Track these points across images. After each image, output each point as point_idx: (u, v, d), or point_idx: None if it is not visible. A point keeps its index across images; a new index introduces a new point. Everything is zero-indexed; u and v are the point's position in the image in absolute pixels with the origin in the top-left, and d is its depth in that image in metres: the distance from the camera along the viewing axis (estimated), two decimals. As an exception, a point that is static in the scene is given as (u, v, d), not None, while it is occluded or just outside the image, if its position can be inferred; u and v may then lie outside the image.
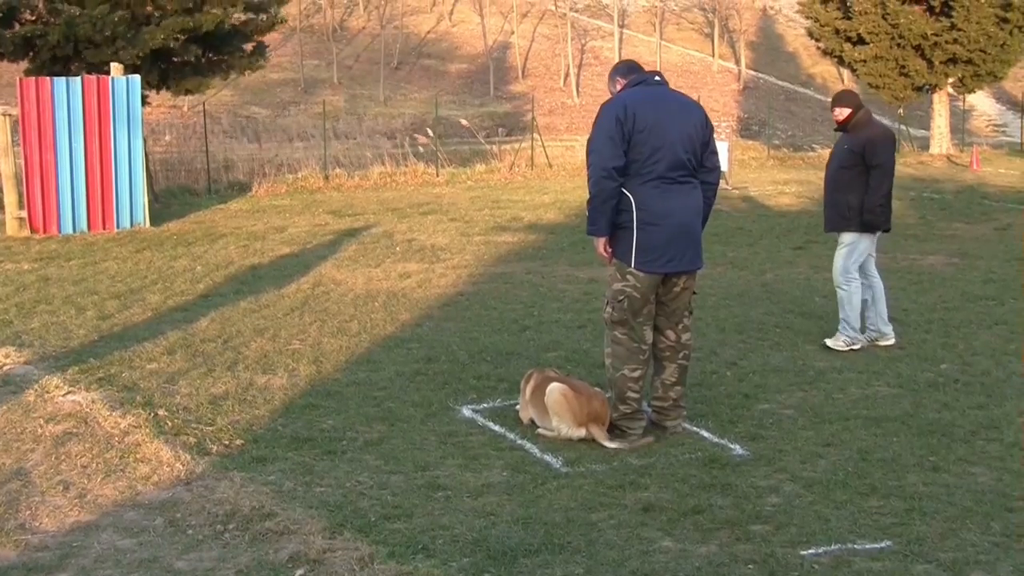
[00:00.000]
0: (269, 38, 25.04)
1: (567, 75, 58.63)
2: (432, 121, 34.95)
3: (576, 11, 65.61)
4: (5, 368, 9.69)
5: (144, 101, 20.50)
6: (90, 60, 20.73)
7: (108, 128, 18.47)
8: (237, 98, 48.07)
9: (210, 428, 7.96)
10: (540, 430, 7.89)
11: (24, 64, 22.40)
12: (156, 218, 19.49)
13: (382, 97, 52.71)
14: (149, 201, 19.48)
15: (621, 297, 7.74)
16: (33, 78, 18.90)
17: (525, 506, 6.53)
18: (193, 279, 14.05)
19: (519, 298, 12.88)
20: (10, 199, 18.49)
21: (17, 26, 21.75)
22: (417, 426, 8.12)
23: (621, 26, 64.64)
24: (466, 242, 16.98)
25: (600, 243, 7.76)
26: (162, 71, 22.10)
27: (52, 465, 7.31)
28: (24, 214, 18.33)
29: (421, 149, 32.32)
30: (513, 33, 61.68)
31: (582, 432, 7.66)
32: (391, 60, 58.10)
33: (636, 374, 7.80)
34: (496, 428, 8.08)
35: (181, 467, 7.14)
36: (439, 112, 35.77)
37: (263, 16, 23.50)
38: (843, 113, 10.71)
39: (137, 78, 19.09)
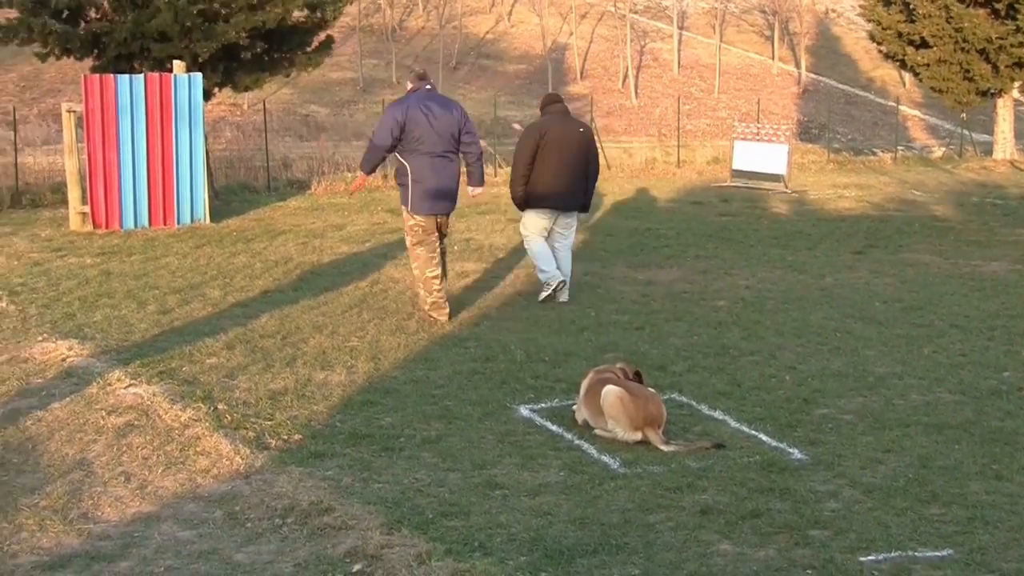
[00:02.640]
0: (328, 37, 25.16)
1: (625, 77, 58.52)
2: (491, 122, 34.99)
3: (635, 12, 65.50)
4: (68, 360, 9.79)
5: (207, 96, 20.63)
6: (157, 56, 20.88)
7: (170, 125, 18.60)
8: (296, 97, 48.35)
9: (269, 423, 8.01)
10: (596, 431, 7.88)
11: (89, 61, 22.60)
12: (216, 215, 19.61)
13: (441, 97, 52.84)
14: (209, 198, 19.59)
15: (416, 229, 11.51)
16: (97, 75, 19.06)
17: (582, 506, 6.52)
18: (252, 275, 14.14)
19: (577, 299, 12.85)
20: (74, 194, 18.67)
21: (83, 24, 21.94)
22: (475, 424, 8.13)
23: (681, 28, 64.46)
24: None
25: (361, 177, 12.46)
26: (225, 68, 22.24)
27: (114, 456, 7.39)
28: (87, 209, 18.49)
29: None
30: (572, 34, 61.63)
31: (637, 436, 7.64)
32: (449, 60, 58.24)
33: (434, 274, 11.47)
34: (554, 428, 8.07)
35: (240, 461, 7.19)
36: (497, 112, 35.79)
37: (319, 13, 23.59)
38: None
39: (199, 76, 19.21)
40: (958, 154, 39.24)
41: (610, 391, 7.78)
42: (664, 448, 7.52)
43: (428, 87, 11.53)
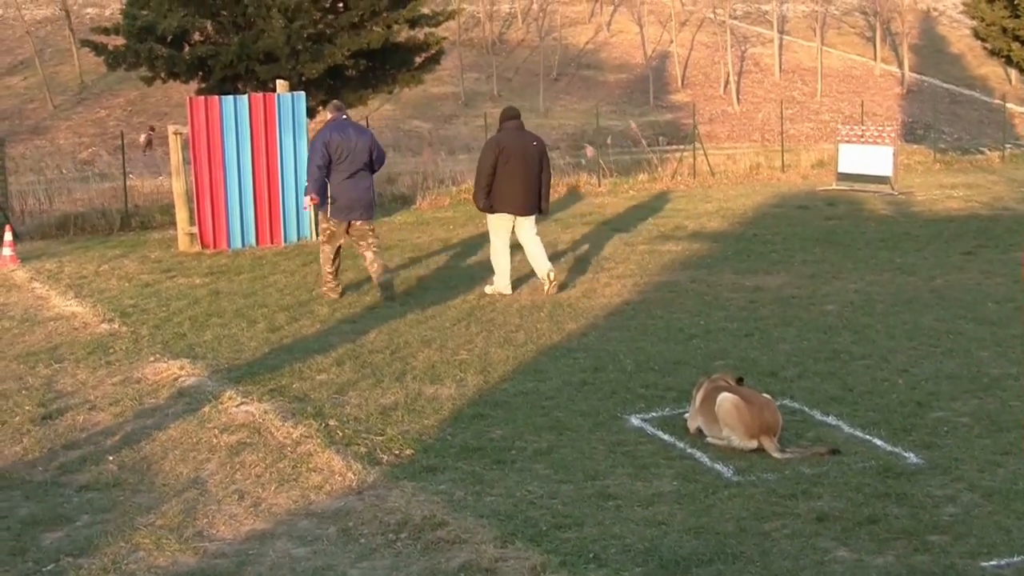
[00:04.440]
0: (430, 55, 25.29)
1: (727, 83, 58.21)
2: (592, 132, 34.92)
3: (735, 18, 65.11)
4: (180, 380, 9.92)
5: (310, 114, 20.83)
6: (262, 77, 21.13)
7: (275, 145, 18.79)
8: (399, 112, 48.71)
9: (380, 438, 8.04)
10: (709, 439, 7.81)
11: (194, 84, 22.95)
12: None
13: (542, 108, 52.94)
14: (314, 215, 19.76)
15: (327, 230, 13.85)
16: (202, 97, 19.34)
17: (696, 515, 6.47)
18: (360, 291, 14.22)
19: (684, 307, 12.78)
20: (182, 215, 18.94)
21: (187, 47, 22.30)
22: (586, 435, 8.10)
23: (781, 32, 63.95)
24: (630, 251, 16.91)
25: (307, 200, 13.99)
26: (329, 87, 22.46)
27: (227, 474, 7.46)
28: (195, 230, 18.74)
29: (584, 161, 32.31)
30: (672, 42, 61.44)
31: (753, 443, 7.56)
32: (550, 71, 58.32)
33: (330, 268, 13.84)
34: (665, 437, 8.02)
35: (353, 476, 7.22)
36: (600, 122, 35.76)
37: (420, 32, 23.74)
38: None
39: (302, 95, 19.40)
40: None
41: (726, 398, 7.72)
42: (778, 455, 7.43)
43: (344, 116, 13.94)
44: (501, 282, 13.87)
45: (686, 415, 8.26)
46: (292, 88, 19.94)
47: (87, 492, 7.23)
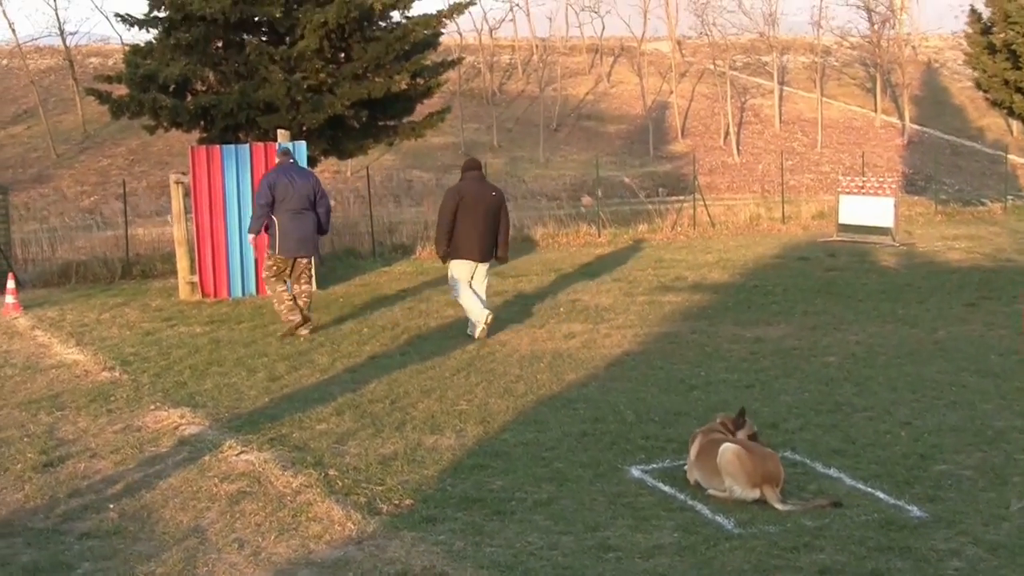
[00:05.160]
0: (431, 103, 25.37)
1: (727, 133, 58.39)
2: (592, 182, 35.01)
3: (735, 69, 65.41)
4: (181, 429, 9.91)
5: (311, 163, 20.90)
6: (264, 127, 21.22)
7: (277, 194, 18.83)
8: (399, 162, 48.83)
9: (380, 488, 8.02)
10: (710, 491, 7.79)
11: (196, 133, 23.03)
12: (322, 281, 19.78)
13: (542, 159, 53.08)
14: (315, 265, 19.77)
15: (272, 266, 14.72)
16: (204, 147, 19.41)
17: (697, 568, 6.44)
18: (360, 341, 14.23)
19: (685, 358, 12.77)
20: (182, 264, 18.97)
21: (190, 96, 22.39)
22: (586, 486, 8.07)
23: (781, 83, 64.24)
24: (630, 302, 16.92)
25: (252, 237, 15.02)
26: (331, 136, 22.53)
27: (227, 523, 7.43)
28: (196, 279, 18.77)
29: (583, 210, 32.36)
30: (672, 93, 61.68)
31: (756, 493, 7.54)
32: (550, 122, 58.52)
33: (284, 292, 14.64)
34: (666, 488, 7.99)
35: (352, 526, 7.20)
36: (600, 173, 35.85)
37: (421, 81, 23.82)
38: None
39: (303, 144, 19.46)
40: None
41: (727, 448, 7.70)
42: (780, 507, 7.41)
43: (291, 161, 15.22)
44: (477, 318, 14.25)
45: (686, 467, 8.24)
46: (293, 137, 20.00)
47: (88, 540, 7.21)
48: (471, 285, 14.53)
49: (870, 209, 26.19)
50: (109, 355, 13.55)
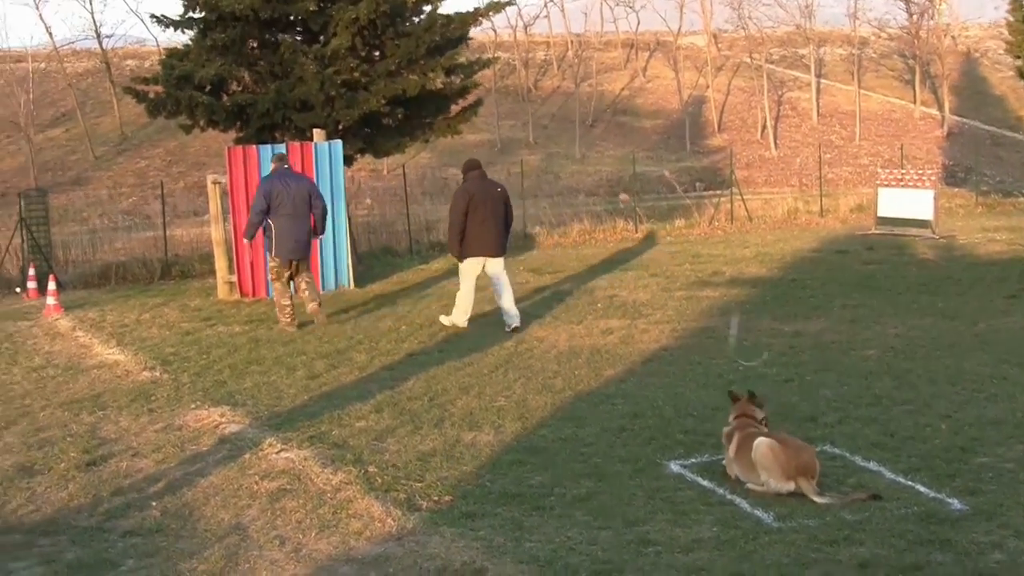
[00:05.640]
0: (465, 99, 25.34)
1: (764, 127, 58.11)
2: (629, 178, 34.94)
3: (772, 63, 65.10)
4: (221, 427, 9.97)
5: (347, 162, 20.95)
6: (299, 125, 21.27)
7: (313, 193, 18.90)
8: (435, 160, 48.85)
9: (419, 484, 8.05)
10: (748, 485, 7.78)
11: (232, 133, 23.11)
12: (360, 280, 19.84)
13: (578, 155, 52.98)
14: (353, 263, 19.83)
15: (275, 269, 15.29)
16: (240, 147, 19.49)
17: (737, 562, 6.43)
18: (398, 338, 14.26)
19: (723, 353, 12.74)
20: (220, 264, 19.06)
21: (225, 96, 22.47)
22: (625, 481, 8.08)
23: (818, 76, 63.90)
24: (667, 297, 16.89)
25: (246, 243, 16.65)
26: (366, 135, 22.56)
27: (268, 520, 7.48)
28: (234, 278, 18.86)
29: (621, 205, 32.30)
30: (708, 87, 61.42)
31: (791, 486, 7.52)
32: (586, 118, 58.37)
33: (286, 302, 15.22)
34: (705, 483, 7.99)
35: (392, 523, 7.23)
36: (636, 168, 35.80)
37: (456, 79, 23.81)
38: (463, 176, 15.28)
39: (339, 143, 19.52)
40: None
41: (761, 442, 7.69)
42: (818, 500, 7.39)
43: (286, 167, 15.71)
44: (460, 317, 14.99)
45: (724, 461, 8.23)
46: (329, 136, 20.06)
47: (131, 537, 7.28)
48: (493, 281, 15.05)
49: (909, 202, 26.03)
50: (149, 355, 13.65)
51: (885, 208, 26.65)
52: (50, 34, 75.33)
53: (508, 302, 14.88)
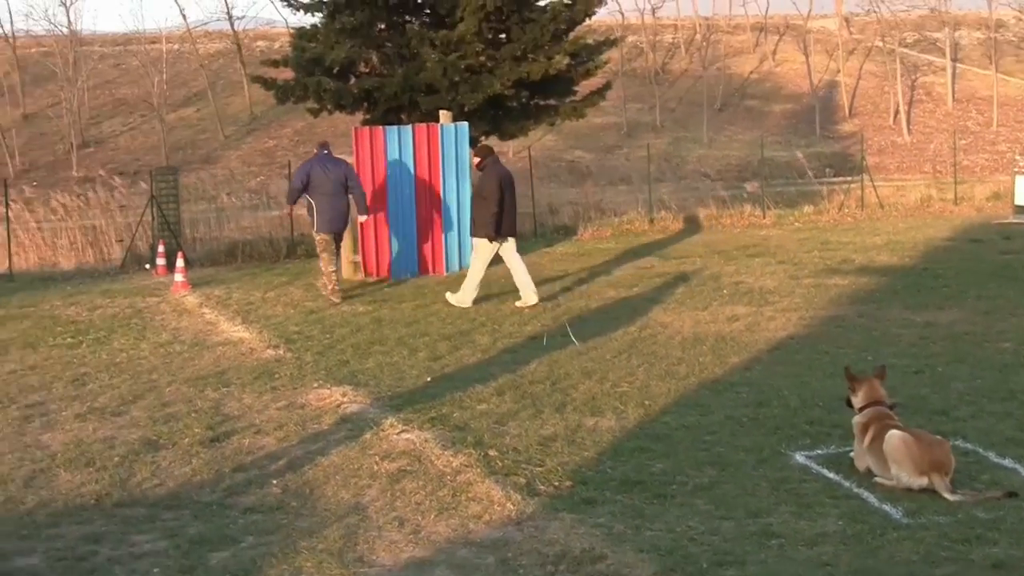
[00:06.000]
0: (592, 83, 25.19)
1: (896, 113, 57.09)
2: (757, 163, 34.54)
3: (905, 47, 63.91)
4: (343, 407, 10.01)
5: (473, 144, 20.96)
6: (425, 108, 21.33)
7: (438, 174, 18.95)
8: (561, 143, 48.76)
9: (540, 469, 7.98)
10: (877, 479, 7.59)
11: (359, 115, 23.25)
12: (485, 262, 19.81)
13: (705, 139, 52.54)
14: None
15: (321, 241, 16.48)
16: (367, 128, 19.59)
17: (863, 557, 6.27)
18: (521, 321, 14.22)
19: (851, 342, 12.50)
20: (346, 244, 19.16)
21: (353, 79, 22.61)
22: (748, 472, 7.94)
23: (954, 60, 62.59)
24: (795, 284, 16.63)
25: (288, 207, 18.40)
26: (492, 117, 22.55)
27: (388, 501, 7.48)
28: (359, 258, 18.97)
29: (748, 191, 31.94)
30: (839, 71, 60.52)
31: (923, 481, 7.32)
32: (714, 102, 57.86)
33: (332, 268, 16.51)
34: (831, 475, 7.82)
35: (512, 507, 7.18)
36: (764, 153, 35.38)
37: (583, 61, 23.68)
38: (475, 160, 16.07)
39: (465, 125, 19.53)
40: None
41: (893, 435, 7.50)
42: (950, 497, 7.18)
43: (326, 152, 16.90)
44: (467, 297, 15.47)
45: (852, 453, 8.04)
46: (454, 118, 20.09)
47: (252, 514, 7.32)
48: (510, 262, 15.73)
49: (1048, 190, 25.39)
50: (274, 333, 13.77)
51: (1023, 196, 26.02)
52: (184, 16, 76.47)
53: (526, 276, 15.56)
